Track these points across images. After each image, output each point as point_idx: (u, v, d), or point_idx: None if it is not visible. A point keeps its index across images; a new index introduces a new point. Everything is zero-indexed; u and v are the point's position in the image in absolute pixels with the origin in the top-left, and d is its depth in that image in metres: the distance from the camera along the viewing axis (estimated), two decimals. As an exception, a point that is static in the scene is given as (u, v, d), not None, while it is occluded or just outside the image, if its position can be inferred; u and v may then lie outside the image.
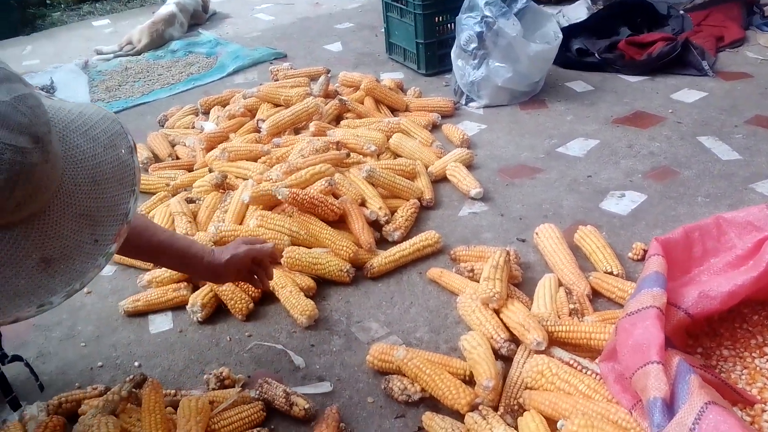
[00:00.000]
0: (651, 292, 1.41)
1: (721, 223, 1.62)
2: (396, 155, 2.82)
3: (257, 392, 1.68)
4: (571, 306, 1.82)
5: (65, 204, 0.99)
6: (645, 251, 2.08)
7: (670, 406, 1.20)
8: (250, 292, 2.07)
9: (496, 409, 1.58)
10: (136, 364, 1.90)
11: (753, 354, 1.49)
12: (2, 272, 0.94)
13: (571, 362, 1.59)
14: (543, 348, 1.64)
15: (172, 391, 1.73)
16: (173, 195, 2.65)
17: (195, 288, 2.15)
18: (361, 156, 2.75)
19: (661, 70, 3.50)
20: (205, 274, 1.74)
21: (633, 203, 2.43)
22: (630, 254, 2.12)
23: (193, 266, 1.71)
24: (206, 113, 3.52)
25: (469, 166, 2.78)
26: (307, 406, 1.62)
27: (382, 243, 2.33)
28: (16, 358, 1.51)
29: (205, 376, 1.77)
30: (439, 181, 2.72)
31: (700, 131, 2.90)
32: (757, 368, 1.45)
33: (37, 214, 0.97)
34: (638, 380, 1.28)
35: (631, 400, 1.35)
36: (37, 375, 1.70)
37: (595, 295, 1.95)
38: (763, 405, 1.34)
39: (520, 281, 2.04)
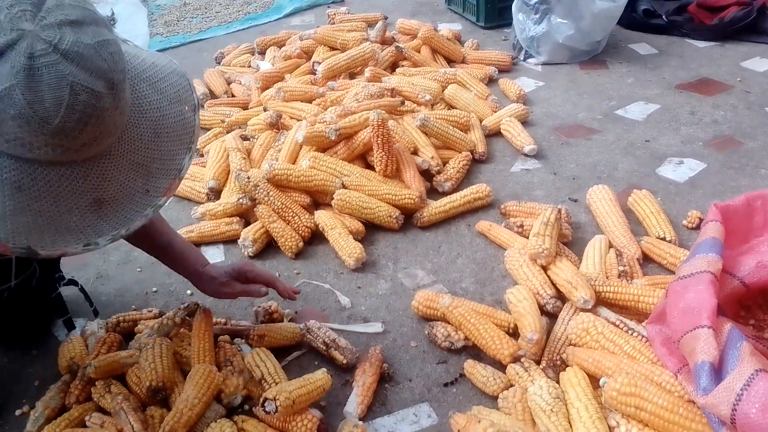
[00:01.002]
0: (706, 257, 1.39)
1: (786, 193, 1.58)
2: (450, 106, 2.80)
3: (303, 328, 1.72)
4: (621, 268, 1.81)
5: (126, 151, 1.03)
6: (701, 219, 2.05)
7: (718, 371, 1.19)
8: (300, 231, 2.10)
9: (538, 362, 1.59)
10: (189, 292, 1.96)
11: (807, 328, 1.47)
12: (58, 207, 0.97)
13: (617, 323, 1.58)
14: (589, 306, 1.64)
15: (222, 320, 1.79)
16: (227, 132, 2.69)
17: (247, 223, 2.19)
18: (415, 105, 2.73)
19: (731, 37, 3.37)
20: (192, 262, 1.70)
21: (691, 171, 2.38)
22: (685, 222, 2.09)
23: (181, 249, 1.69)
24: (262, 53, 3.52)
25: (524, 123, 2.74)
26: (345, 361, 1.63)
27: (432, 193, 2.33)
28: (72, 282, 1.57)
29: (254, 308, 1.82)
30: (493, 135, 2.69)
31: (769, 102, 2.80)
32: (810, 343, 1.43)
33: (98, 157, 1.00)
34: (686, 344, 1.27)
35: (677, 363, 1.34)
36: (92, 300, 1.76)
37: (646, 260, 1.93)
38: (813, 379, 1.33)
39: (570, 240, 2.03)
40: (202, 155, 2.59)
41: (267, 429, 1.45)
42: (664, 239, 1.95)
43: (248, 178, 2.16)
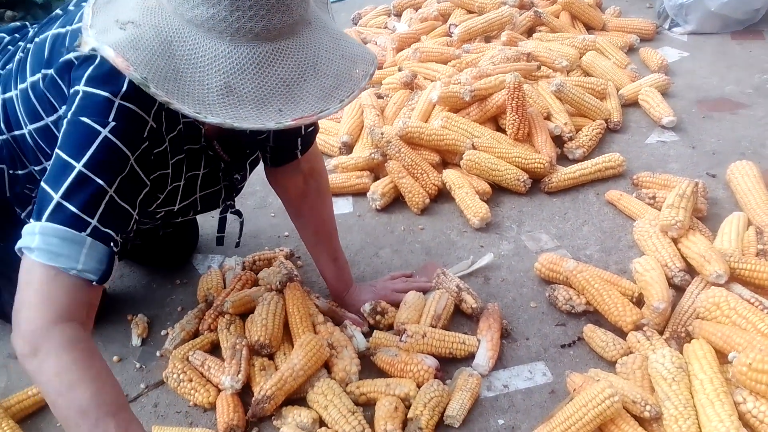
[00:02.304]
0: None
1: None
2: (587, 74, 2.73)
3: (437, 275, 1.78)
4: (760, 246, 1.73)
5: (275, 61, 1.03)
6: None
7: None
8: (428, 188, 2.15)
9: (660, 333, 1.57)
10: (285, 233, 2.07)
11: None
12: (192, 72, 1.01)
13: (752, 300, 1.52)
14: (722, 281, 1.59)
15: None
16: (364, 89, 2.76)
17: (376, 178, 2.27)
18: (551, 70, 2.69)
19: None
20: (336, 284, 1.77)
21: None
22: (837, 205, 1.95)
23: (338, 267, 1.75)
24: (398, 15, 3.57)
25: (664, 94, 2.63)
26: (474, 305, 1.69)
27: (563, 159, 2.31)
28: (238, 212, 1.68)
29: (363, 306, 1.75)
30: (630, 105, 2.61)
31: None
32: None
33: (253, 43, 1.02)
34: (830, 325, 1.21)
35: (816, 345, 1.29)
36: (242, 232, 1.82)
37: (789, 241, 1.83)
38: None
39: (704, 216, 1.95)
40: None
41: (377, 385, 1.51)
42: (811, 221, 1.83)
43: (382, 133, 2.23)
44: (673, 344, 1.52)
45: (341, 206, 2.23)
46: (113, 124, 1.14)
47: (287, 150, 1.55)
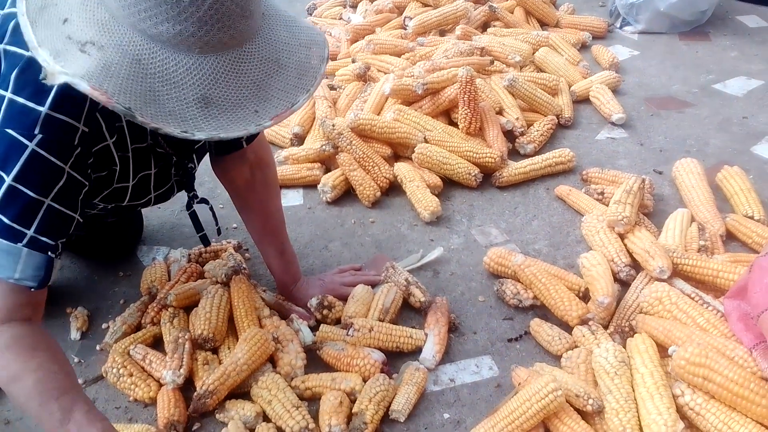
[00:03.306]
0: (798, 236, 1.34)
1: None
2: (540, 70, 2.75)
3: (386, 267, 1.77)
4: (702, 243, 1.76)
5: (243, 65, 1.03)
6: (795, 202, 1.96)
7: (796, 349, 1.16)
8: (379, 181, 2.14)
9: (605, 327, 1.59)
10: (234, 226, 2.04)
11: None
12: (167, 90, 0.98)
13: (693, 295, 1.55)
14: (665, 277, 1.61)
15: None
16: (315, 81, 2.73)
17: (327, 170, 2.25)
18: (504, 65, 2.70)
19: None
20: (283, 277, 1.74)
21: (790, 152, 2.27)
22: (776, 203, 2.00)
23: (286, 261, 1.72)
24: (354, 6, 3.53)
25: (615, 91, 2.67)
26: (423, 299, 1.68)
27: (513, 154, 2.32)
28: (204, 201, 1.64)
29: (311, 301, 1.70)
30: (581, 102, 2.64)
31: None
32: None
33: (217, 53, 1.00)
34: (767, 319, 1.24)
35: (754, 339, 1.31)
36: (217, 219, 1.74)
37: (729, 237, 1.87)
38: None
39: (650, 212, 1.98)
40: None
41: (323, 379, 1.49)
42: (752, 218, 1.88)
43: (333, 125, 2.20)
44: (617, 338, 1.54)
45: (291, 198, 2.20)
46: (40, 136, 1.12)
47: (232, 139, 1.51)
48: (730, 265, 1.62)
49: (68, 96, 1.07)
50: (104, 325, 1.71)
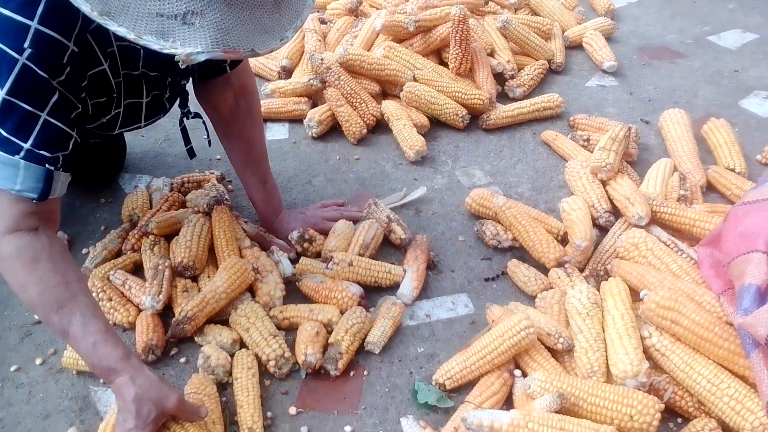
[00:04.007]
0: (775, 186, 1.36)
1: None
2: (535, 13, 2.71)
3: (368, 204, 1.78)
4: (682, 192, 1.78)
5: None
6: (777, 156, 1.97)
7: (763, 295, 1.19)
8: (366, 118, 2.12)
9: (581, 270, 1.61)
10: (218, 157, 2.03)
11: None
12: (253, 11, 1.04)
13: (668, 242, 1.58)
14: (643, 224, 1.63)
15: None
16: (306, 14, 2.68)
17: (313, 105, 2.22)
18: (498, 7, 2.66)
19: None
20: (265, 209, 1.74)
21: (777, 107, 2.27)
22: (759, 157, 2.01)
23: (267, 192, 1.72)
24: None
25: (608, 38, 2.65)
26: (403, 236, 1.70)
27: (503, 97, 2.30)
28: (197, 115, 1.63)
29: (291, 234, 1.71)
30: (574, 47, 2.61)
31: None
32: None
33: None
34: (737, 266, 1.26)
35: (723, 286, 1.34)
36: (209, 132, 1.73)
37: (710, 189, 1.89)
38: None
39: (635, 160, 1.99)
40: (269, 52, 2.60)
41: (301, 310, 1.52)
42: (733, 170, 1.89)
43: (321, 59, 2.17)
44: (591, 281, 1.57)
45: (277, 132, 2.18)
46: (30, 50, 1.10)
47: (215, 62, 1.49)
48: (707, 215, 1.64)
49: (57, 9, 1.06)
50: (84, 251, 1.72)
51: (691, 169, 1.89)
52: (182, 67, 1.00)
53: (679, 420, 1.32)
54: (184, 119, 1.61)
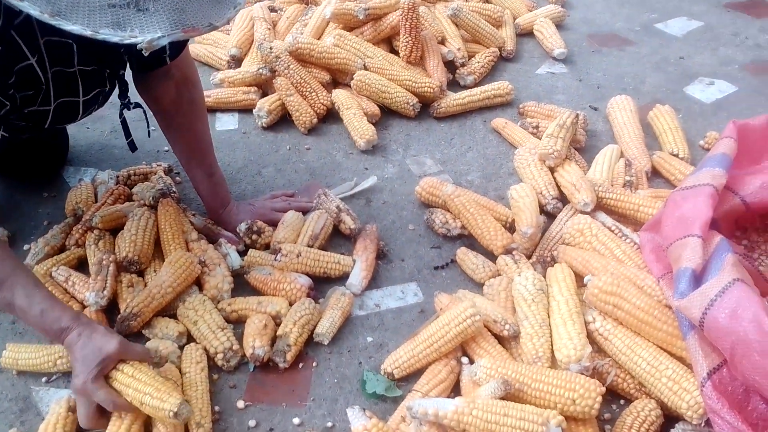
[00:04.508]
0: (712, 171, 1.39)
1: (808, 119, 1.55)
2: (486, 0, 2.71)
3: (318, 194, 1.77)
4: (627, 178, 1.81)
5: None
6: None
7: (699, 278, 1.22)
8: (316, 107, 2.10)
9: (529, 257, 1.63)
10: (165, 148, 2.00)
11: (798, 254, 1.48)
12: None
13: (613, 228, 1.60)
14: (589, 210, 1.66)
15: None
16: (258, 1, 2.64)
17: (264, 94, 2.20)
18: (451, -6, 2.65)
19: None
20: (212, 201, 1.72)
21: (720, 93, 2.32)
22: (702, 142, 2.06)
23: (214, 184, 1.69)
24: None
25: (559, 26, 2.67)
26: (353, 226, 1.69)
27: (453, 85, 2.31)
28: (138, 105, 1.59)
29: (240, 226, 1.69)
30: (525, 35, 2.63)
31: (818, 31, 2.68)
32: (798, 267, 1.44)
33: None
34: (674, 250, 1.29)
35: (662, 270, 1.37)
36: (149, 122, 1.71)
37: (655, 174, 1.92)
38: (792, 301, 1.35)
39: (583, 146, 2.01)
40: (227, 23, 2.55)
41: (249, 302, 1.50)
42: (676, 156, 1.93)
43: (271, 48, 2.14)
44: (539, 268, 1.58)
45: (226, 122, 2.16)
46: None
47: (154, 53, 1.46)
48: (650, 200, 1.67)
49: None
50: (26, 247, 1.67)
51: (636, 155, 1.92)
52: (146, 54, 0.99)
53: (622, 402, 1.34)
54: (124, 111, 1.57)
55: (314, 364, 1.43)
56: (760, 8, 2.84)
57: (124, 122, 1.59)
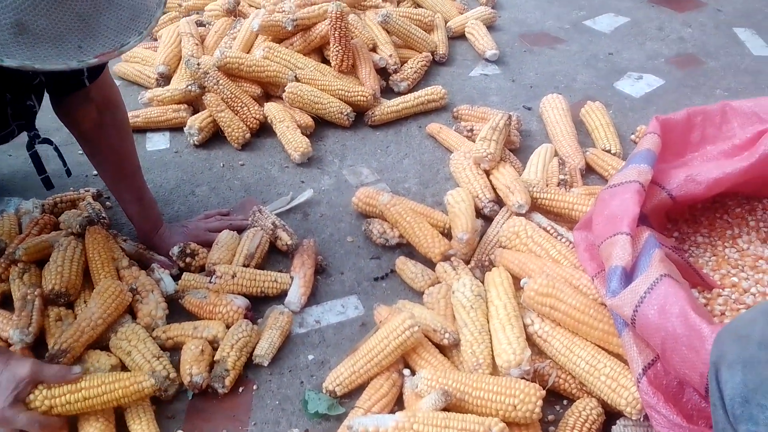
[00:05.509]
0: (638, 167, 1.41)
1: (727, 110, 1.58)
2: (417, 5, 2.72)
3: (252, 211, 1.73)
4: (562, 177, 1.83)
5: None
6: (648, 134, 2.05)
7: (629, 276, 1.23)
8: (249, 122, 2.07)
9: (468, 262, 1.63)
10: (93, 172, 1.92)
11: (725, 244, 1.51)
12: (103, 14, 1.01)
13: (548, 228, 1.61)
14: (524, 211, 1.67)
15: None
16: (185, 16, 2.59)
17: (195, 111, 2.15)
18: (380, 0, 2.64)
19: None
20: (143, 225, 1.67)
21: (649, 87, 2.37)
22: (633, 136, 2.09)
23: (144, 207, 1.65)
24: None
25: (490, 27, 2.69)
26: (289, 242, 1.66)
27: (388, 92, 2.30)
28: (47, 141, 1.54)
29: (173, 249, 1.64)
30: (457, 38, 2.64)
31: (739, 22, 2.76)
32: (726, 257, 1.47)
33: None
34: (605, 249, 1.31)
35: (596, 268, 1.38)
36: (65, 160, 1.65)
37: (589, 170, 1.95)
38: (720, 290, 1.38)
39: (518, 147, 2.03)
40: (155, 39, 2.50)
41: (185, 328, 1.46)
42: (609, 152, 1.96)
43: (198, 64, 2.10)
44: (477, 273, 1.59)
45: (157, 142, 2.10)
46: None
47: (71, 77, 1.41)
48: (584, 197, 1.69)
49: None
50: (-54, 282, 1.60)
51: (570, 153, 1.94)
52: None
53: (565, 402, 1.35)
54: (33, 143, 1.50)
55: (255, 386, 1.39)
56: (682, 2, 2.92)
57: (34, 155, 1.52)
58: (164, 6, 1.15)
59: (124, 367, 1.39)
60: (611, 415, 1.29)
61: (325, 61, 2.30)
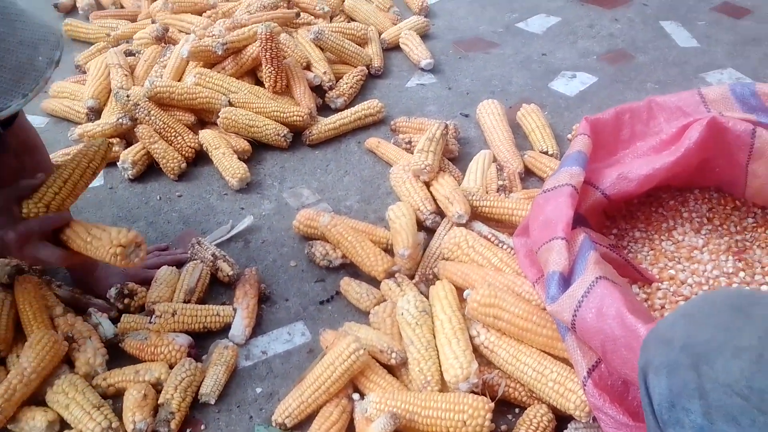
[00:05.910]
0: (570, 170, 1.42)
1: (652, 106, 1.61)
2: (350, 19, 2.71)
3: (192, 243, 1.70)
4: (500, 182, 1.83)
5: None
6: (583, 133, 2.07)
7: (567, 280, 1.23)
8: (184, 152, 2.03)
9: (412, 277, 1.61)
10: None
11: (662, 237, 1.52)
12: None
13: (489, 236, 1.61)
14: (464, 221, 1.66)
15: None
16: (114, 46, 2.53)
17: (129, 144, 2.10)
18: (312, 17, 2.63)
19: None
20: (77, 267, 1.61)
21: (582, 85, 2.40)
22: (569, 136, 2.11)
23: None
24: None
25: (424, 36, 2.69)
26: (231, 273, 1.63)
27: (325, 109, 2.28)
28: None
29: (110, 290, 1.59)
30: (392, 49, 2.63)
31: (665, 15, 2.82)
32: (663, 250, 1.49)
33: None
34: (543, 254, 1.30)
35: (537, 273, 1.38)
36: None
37: (528, 173, 1.96)
38: (659, 284, 1.39)
39: (457, 156, 2.03)
40: (84, 72, 2.44)
41: (126, 373, 1.42)
42: (546, 153, 1.97)
43: (128, 96, 2.05)
44: (422, 287, 1.57)
45: (90, 179, 2.04)
46: None
47: None
48: (524, 202, 1.69)
49: None
50: None
51: (508, 157, 1.95)
52: None
53: (516, 410, 1.35)
54: None
55: (202, 426, 1.36)
56: (610, -2, 2.97)
57: None
58: (57, 64, 1.11)
59: (63, 422, 1.34)
60: (562, 419, 1.29)
61: (259, 82, 2.27)
